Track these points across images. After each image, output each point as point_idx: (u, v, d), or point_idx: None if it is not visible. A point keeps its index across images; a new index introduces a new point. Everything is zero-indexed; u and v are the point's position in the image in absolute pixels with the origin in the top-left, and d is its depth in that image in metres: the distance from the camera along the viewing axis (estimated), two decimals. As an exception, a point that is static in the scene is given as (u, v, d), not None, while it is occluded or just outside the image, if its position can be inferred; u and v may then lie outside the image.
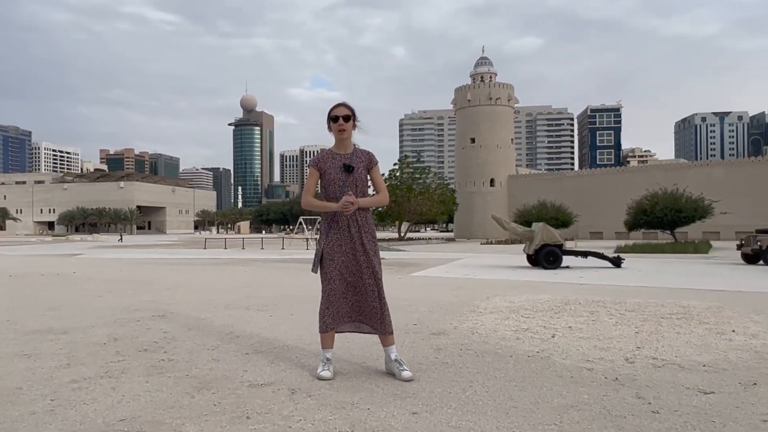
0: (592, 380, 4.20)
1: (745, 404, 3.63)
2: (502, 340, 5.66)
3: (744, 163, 63.40)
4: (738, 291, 11.27)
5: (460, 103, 77.53)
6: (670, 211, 36.33)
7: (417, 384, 4.08)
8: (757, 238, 21.01)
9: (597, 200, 66.97)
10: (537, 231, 19.11)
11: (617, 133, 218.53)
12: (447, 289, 11.26)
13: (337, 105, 4.45)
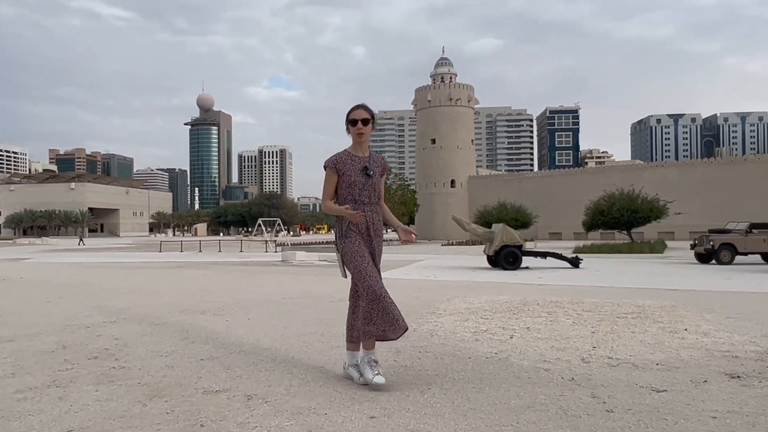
0: (548, 380, 4.27)
1: (695, 401, 3.74)
2: (461, 342, 5.71)
3: (697, 165, 65.30)
4: (691, 290, 11.61)
5: (421, 103, 77.97)
6: (626, 212, 37.18)
7: (376, 387, 4.08)
8: (710, 238, 21.66)
9: (556, 201, 68.11)
10: (497, 232, 19.35)
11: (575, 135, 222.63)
12: (407, 291, 11.30)
13: (355, 107, 4.39)
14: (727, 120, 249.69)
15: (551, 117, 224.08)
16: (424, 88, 78.34)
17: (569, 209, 63.15)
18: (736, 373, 4.44)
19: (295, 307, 8.55)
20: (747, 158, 65.64)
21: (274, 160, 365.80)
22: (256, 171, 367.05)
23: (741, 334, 6.11)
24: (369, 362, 4.17)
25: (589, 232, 42.50)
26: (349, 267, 4.23)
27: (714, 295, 10.46)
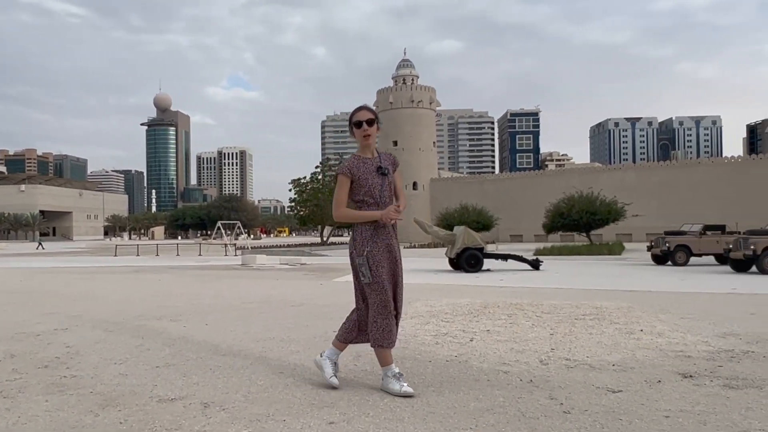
0: (507, 383, 4.33)
1: (650, 401, 3.84)
2: (422, 345, 5.75)
3: (654, 167, 66.95)
4: (647, 291, 11.90)
5: (383, 105, 78.18)
6: (585, 214, 37.91)
7: (335, 393, 4.08)
8: (666, 240, 22.22)
9: (517, 203, 69.03)
10: (458, 234, 19.51)
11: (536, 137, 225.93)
12: (368, 294, 11.30)
13: (358, 109, 4.32)
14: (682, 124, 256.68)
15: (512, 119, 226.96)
16: (385, 89, 78.59)
17: (530, 211, 64.04)
18: (689, 373, 4.57)
19: (254, 312, 8.48)
20: (701, 161, 67.57)
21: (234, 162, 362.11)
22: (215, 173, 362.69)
23: (694, 334, 6.30)
24: (396, 376, 4.13)
25: (549, 234, 43.21)
26: (374, 273, 4.13)
27: (669, 296, 10.74)
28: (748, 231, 19.29)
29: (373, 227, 4.20)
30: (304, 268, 22.14)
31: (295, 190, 60.78)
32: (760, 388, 4.14)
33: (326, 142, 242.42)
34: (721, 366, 4.82)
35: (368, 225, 4.22)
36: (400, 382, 4.07)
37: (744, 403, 3.77)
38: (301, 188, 60.41)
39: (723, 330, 6.58)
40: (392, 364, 4.18)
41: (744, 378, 4.42)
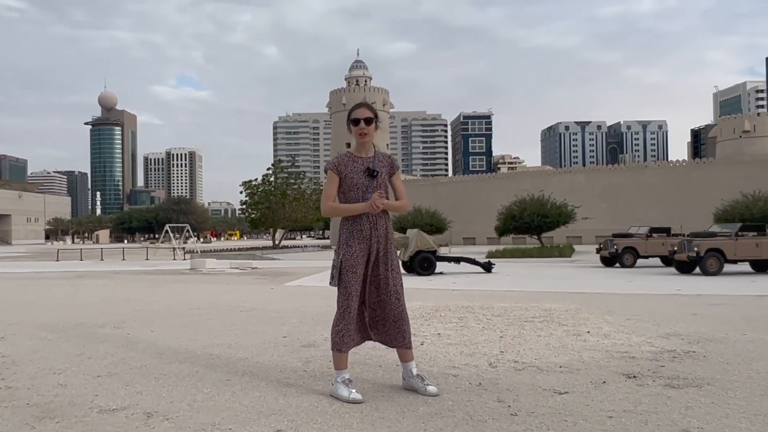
0: (457, 386, 4.37)
1: (594, 402, 3.94)
2: (372, 350, 5.76)
3: (602, 171, 68.64)
4: (596, 293, 12.20)
5: (336, 106, 78.09)
6: (537, 217, 38.58)
7: (284, 399, 4.06)
8: (614, 242, 22.81)
9: (470, 206, 69.80)
10: (411, 237, 19.62)
11: (488, 140, 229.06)
12: (320, 298, 11.29)
13: (357, 106, 4.28)
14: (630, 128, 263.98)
15: (465, 122, 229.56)
16: (338, 90, 78.52)
17: (483, 214, 64.86)
18: (633, 373, 4.70)
19: (202, 318, 8.36)
20: (648, 165, 69.60)
21: (183, 163, 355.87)
22: (163, 174, 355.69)
23: (639, 335, 6.48)
24: (345, 382, 4.12)
25: (501, 236, 43.81)
26: (341, 278, 4.14)
27: (616, 298, 11.03)
28: (692, 233, 19.96)
29: (351, 230, 4.19)
30: (256, 272, 21.92)
31: (246, 193, 60.10)
32: (699, 387, 4.29)
33: (278, 143, 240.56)
34: (664, 366, 4.98)
35: (348, 226, 4.22)
36: (348, 389, 4.07)
37: (684, 402, 3.90)
38: (252, 190, 59.77)
39: (666, 331, 6.79)
40: (345, 369, 4.18)
41: (685, 378, 4.57)
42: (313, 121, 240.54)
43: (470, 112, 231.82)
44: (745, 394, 4.08)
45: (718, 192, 48.88)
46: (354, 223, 4.19)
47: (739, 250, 17.96)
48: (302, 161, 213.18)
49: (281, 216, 57.23)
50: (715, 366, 4.97)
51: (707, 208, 42.75)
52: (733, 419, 3.54)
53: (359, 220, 4.18)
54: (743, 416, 3.60)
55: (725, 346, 5.83)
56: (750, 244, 18.04)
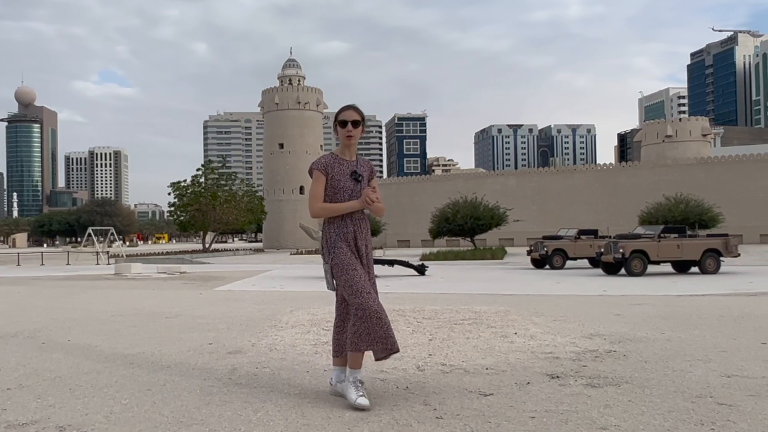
0: (384, 390, 4.41)
1: (518, 403, 4.04)
2: (301, 356, 5.74)
3: (533, 173, 70.47)
4: (525, 294, 12.51)
5: (268, 106, 77.24)
6: (470, 219, 39.25)
7: (206, 409, 3.99)
8: (544, 244, 23.45)
9: (404, 208, 70.32)
10: (344, 240, 19.63)
11: (423, 142, 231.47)
12: (250, 303, 11.16)
13: (345, 108, 4.24)
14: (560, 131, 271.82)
15: (399, 124, 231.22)
16: (271, 90, 77.68)
17: (417, 217, 65.47)
18: (556, 374, 4.85)
19: (124, 326, 8.12)
20: (577, 168, 71.89)
21: (108, 163, 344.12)
22: (86, 175, 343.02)
23: (564, 335, 6.69)
24: (354, 382, 4.03)
25: (435, 239, 44.33)
26: (340, 280, 4.08)
27: (544, 299, 11.34)
28: (618, 235, 20.75)
29: (338, 232, 4.16)
30: (184, 276, 21.45)
31: (175, 194, 58.73)
32: (618, 385, 4.47)
33: (209, 143, 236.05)
34: (586, 366, 5.16)
35: (334, 229, 4.18)
36: (358, 391, 3.99)
37: (603, 401, 4.05)
38: (181, 192, 58.46)
39: (590, 331, 7.03)
40: (359, 369, 4.09)
41: (605, 377, 4.75)
42: (245, 121, 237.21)
43: (405, 114, 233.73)
44: (660, 392, 4.27)
45: (643, 195, 50.98)
46: (340, 226, 4.18)
47: (661, 252, 18.76)
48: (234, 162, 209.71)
49: (212, 218, 56.18)
50: (634, 365, 5.18)
51: (633, 210, 44.50)
52: (648, 416, 3.71)
53: (344, 223, 4.18)
54: (657, 413, 3.77)
55: (644, 345, 6.08)
56: (672, 245, 18.88)
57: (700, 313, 8.87)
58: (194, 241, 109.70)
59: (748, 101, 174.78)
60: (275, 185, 75.74)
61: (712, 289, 13.70)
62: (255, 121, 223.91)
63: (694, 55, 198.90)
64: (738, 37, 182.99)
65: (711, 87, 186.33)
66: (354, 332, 4.02)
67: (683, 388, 4.37)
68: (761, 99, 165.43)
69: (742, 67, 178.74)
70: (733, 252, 19.28)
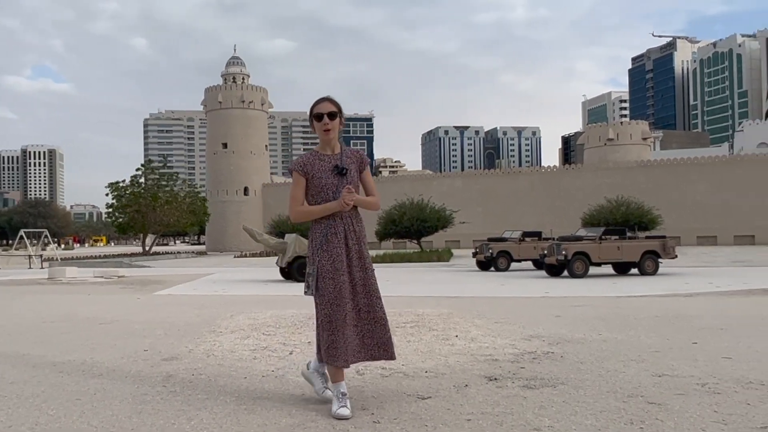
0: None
1: (455, 405, 4.11)
2: (239, 361, 5.69)
3: (479, 175, 71.48)
4: (469, 297, 12.70)
5: (211, 104, 76.08)
6: (416, 221, 39.50)
7: (138, 418, 3.92)
8: (489, 246, 23.81)
9: (351, 210, 70.20)
10: (290, 243, 19.49)
11: (370, 143, 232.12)
12: (190, 308, 10.99)
13: (320, 100, 4.07)
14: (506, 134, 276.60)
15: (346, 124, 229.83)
16: (214, 88, 76.53)
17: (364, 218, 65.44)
18: (494, 376, 4.95)
19: (55, 332, 7.88)
20: (522, 170, 73.27)
21: (41, 162, 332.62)
22: (18, 174, 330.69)
23: (504, 337, 6.82)
24: (337, 395, 3.95)
25: (382, 241, 44.42)
26: (319, 286, 3.98)
27: (488, 301, 11.53)
28: (561, 237, 21.24)
29: (325, 233, 4.04)
30: (122, 281, 20.97)
31: (113, 195, 57.20)
32: (554, 387, 4.59)
33: (149, 142, 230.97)
34: (524, 367, 5.28)
35: (321, 229, 4.06)
36: (339, 402, 3.92)
37: (538, 402, 4.16)
38: (119, 192, 56.95)
39: (530, 333, 7.19)
40: (342, 381, 4.00)
41: (542, 378, 4.86)
42: (188, 120, 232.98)
43: (351, 114, 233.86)
44: (593, 392, 4.41)
45: (585, 197, 52.26)
46: (328, 225, 4.05)
47: (602, 253, 19.31)
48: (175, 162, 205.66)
49: (152, 220, 54.91)
50: (570, 366, 5.33)
51: (576, 212, 45.59)
52: (581, 416, 3.82)
53: (332, 222, 4.06)
54: (590, 413, 3.89)
55: (581, 346, 6.26)
56: (612, 247, 19.45)
57: (637, 314, 9.17)
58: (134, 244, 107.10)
59: (687, 106, 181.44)
60: (219, 186, 74.64)
61: (650, 290, 14.18)
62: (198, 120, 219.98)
63: (635, 59, 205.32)
64: (677, 43, 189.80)
65: (651, 91, 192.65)
66: (323, 345, 4.02)
67: (616, 388, 4.52)
68: (698, 104, 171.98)
69: (681, 73, 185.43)
70: (671, 254, 19.97)
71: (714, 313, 9.23)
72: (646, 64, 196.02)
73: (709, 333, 7.07)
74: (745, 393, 4.32)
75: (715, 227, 56.31)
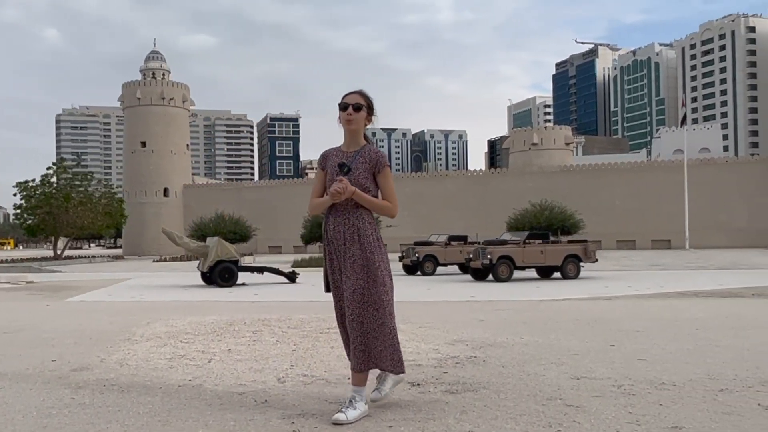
0: (241, 405, 4.35)
1: (377, 412, 4.12)
2: (154, 371, 5.54)
3: (406, 178, 72.20)
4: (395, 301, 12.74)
5: (129, 101, 73.75)
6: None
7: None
8: (415, 250, 24.06)
9: (277, 213, 69.59)
10: (211, 246, 19.12)
11: (296, 144, 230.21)
12: (104, 315, 10.64)
13: (350, 92, 4.05)
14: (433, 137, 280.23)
15: (272, 124, 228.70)
16: (132, 83, 74.22)
17: (290, 221, 64.90)
18: (417, 381, 5.00)
19: (-47, 343, 7.45)
20: (449, 174, 74.44)
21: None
22: None
23: (428, 342, 6.90)
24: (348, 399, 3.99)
25: (308, 245, 44.20)
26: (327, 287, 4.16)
27: (413, 306, 11.63)
28: (486, 241, 21.66)
29: (324, 229, 4.06)
30: (31, 286, 20.04)
31: (22, 195, 54.64)
32: (476, 391, 4.68)
33: (62, 139, 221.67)
34: (446, 372, 5.36)
35: (323, 227, 4.08)
36: (341, 407, 3.93)
37: (460, 407, 4.23)
38: (29, 192, 54.44)
39: (453, 337, 7.31)
40: (357, 386, 4.00)
41: (464, 383, 4.95)
42: (104, 116, 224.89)
43: (277, 114, 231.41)
44: (514, 396, 4.52)
45: (511, 201, 53.55)
46: (324, 224, 4.09)
47: (526, 257, 19.81)
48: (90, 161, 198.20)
49: (64, 222, 52.73)
50: (492, 370, 5.45)
51: (502, 216, 46.59)
52: (501, 420, 3.91)
53: (325, 219, 4.06)
54: (510, 417, 3.99)
55: (504, 350, 6.41)
56: (536, 251, 19.98)
57: (558, 317, 9.46)
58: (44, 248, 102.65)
59: (608, 112, 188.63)
60: (137, 187, 72.40)
61: (572, 293, 14.64)
62: (115, 117, 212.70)
63: (559, 65, 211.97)
64: (598, 50, 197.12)
65: (574, 97, 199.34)
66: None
67: (536, 391, 4.65)
68: (619, 110, 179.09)
69: (602, 80, 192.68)
70: (592, 257, 20.69)
71: (631, 316, 9.63)
72: (569, 70, 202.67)
73: (626, 335, 7.37)
74: (658, 394, 4.53)
75: (633, 231, 58.78)
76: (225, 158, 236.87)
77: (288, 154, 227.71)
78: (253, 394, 4.65)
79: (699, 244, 52.81)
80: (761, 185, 56.74)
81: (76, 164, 59.54)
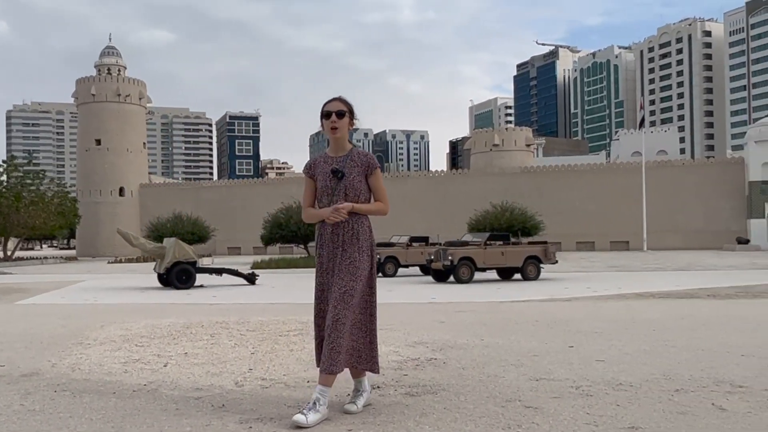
0: (198, 410, 4.30)
1: (337, 416, 4.12)
2: (108, 375, 5.44)
3: (370, 179, 72.14)
4: (355, 302, 12.75)
5: (83, 97, 72.20)
6: (303, 225, 39.27)
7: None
8: (377, 251, 24.07)
9: (236, 213, 68.91)
10: (168, 247, 18.86)
11: (256, 143, 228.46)
12: (55, 318, 10.40)
13: (330, 99, 4.07)
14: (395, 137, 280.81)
15: (231, 123, 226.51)
16: (87, 79, 72.67)
17: (249, 222, 64.35)
18: (377, 384, 5.01)
19: None
20: (410, 174, 74.72)
21: None
22: None
23: (388, 344, 6.92)
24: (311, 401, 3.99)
25: (268, 246, 43.84)
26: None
27: (374, 307, 11.64)
28: (447, 242, 21.81)
29: (318, 236, 4.17)
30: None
31: (-31, 194, 53.13)
32: (436, 393, 4.71)
33: (13, 136, 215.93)
34: (407, 375, 5.38)
35: (318, 231, 4.16)
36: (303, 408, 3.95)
37: (420, 410, 4.26)
38: (-24, 192, 53.00)
39: (414, 339, 7.34)
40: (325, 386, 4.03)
41: (424, 385, 4.98)
42: (57, 113, 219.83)
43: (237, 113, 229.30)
44: (474, 398, 4.57)
45: (472, 202, 53.98)
46: (319, 228, 4.17)
47: (487, 259, 19.98)
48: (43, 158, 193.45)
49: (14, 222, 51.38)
50: (452, 372, 5.49)
51: (463, 217, 46.93)
52: (461, 422, 3.95)
53: (323, 225, 4.14)
54: (469, 419, 4.03)
55: (464, 352, 6.46)
56: (497, 252, 20.17)
57: (518, 318, 9.58)
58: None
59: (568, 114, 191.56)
60: (91, 186, 70.92)
61: (532, 295, 14.84)
62: (68, 114, 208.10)
63: (520, 66, 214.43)
64: (559, 52, 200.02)
65: (535, 98, 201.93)
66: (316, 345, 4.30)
67: (495, 393, 4.71)
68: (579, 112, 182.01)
69: (563, 81, 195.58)
70: (551, 259, 20.97)
71: (590, 317, 9.81)
72: (530, 72, 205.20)
73: (585, 336, 7.50)
74: (616, 394, 4.62)
75: (593, 233, 59.81)
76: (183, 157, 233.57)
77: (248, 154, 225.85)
78: (210, 398, 4.61)
79: (657, 245, 54.02)
80: (717, 187, 58.26)
81: (28, 162, 58.02)
